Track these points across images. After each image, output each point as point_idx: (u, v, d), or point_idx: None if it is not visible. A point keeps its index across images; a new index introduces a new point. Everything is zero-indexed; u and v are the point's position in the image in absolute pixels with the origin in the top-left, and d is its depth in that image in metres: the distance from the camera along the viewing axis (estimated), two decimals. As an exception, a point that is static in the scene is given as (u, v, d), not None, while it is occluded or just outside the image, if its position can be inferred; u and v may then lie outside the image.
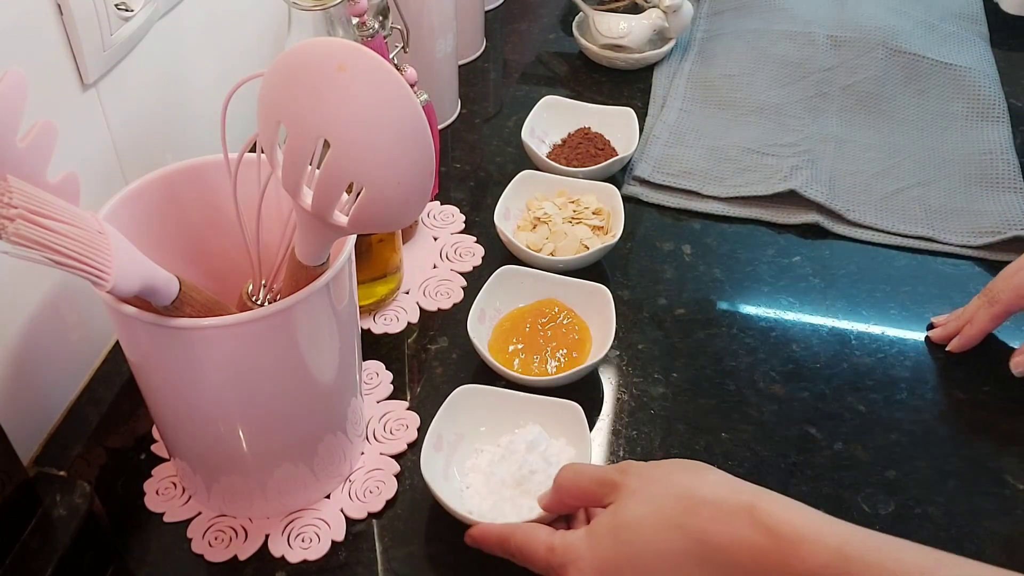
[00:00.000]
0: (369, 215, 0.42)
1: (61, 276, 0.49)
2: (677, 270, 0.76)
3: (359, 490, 0.58)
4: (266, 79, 0.41)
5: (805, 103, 0.95)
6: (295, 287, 0.47)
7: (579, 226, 0.75)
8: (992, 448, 0.62)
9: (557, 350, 0.66)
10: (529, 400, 0.60)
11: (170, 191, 0.53)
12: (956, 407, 0.65)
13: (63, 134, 0.43)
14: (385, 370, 0.66)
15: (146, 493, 0.58)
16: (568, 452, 0.58)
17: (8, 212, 0.35)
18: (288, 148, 0.41)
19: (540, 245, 0.74)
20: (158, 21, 0.64)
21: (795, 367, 0.68)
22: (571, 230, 0.74)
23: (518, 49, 1.08)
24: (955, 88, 0.95)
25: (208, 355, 0.46)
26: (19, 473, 0.48)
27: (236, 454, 0.53)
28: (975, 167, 0.86)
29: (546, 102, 0.88)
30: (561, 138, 0.88)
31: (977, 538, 0.57)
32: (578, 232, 0.74)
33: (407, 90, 0.39)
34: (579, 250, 0.73)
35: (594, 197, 0.78)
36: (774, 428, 0.63)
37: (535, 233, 0.75)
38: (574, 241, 0.73)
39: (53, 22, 0.53)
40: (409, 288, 0.73)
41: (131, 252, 0.42)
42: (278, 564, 0.54)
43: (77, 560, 0.50)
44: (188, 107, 0.71)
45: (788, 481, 0.60)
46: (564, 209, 0.77)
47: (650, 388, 0.66)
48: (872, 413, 0.64)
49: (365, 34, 0.63)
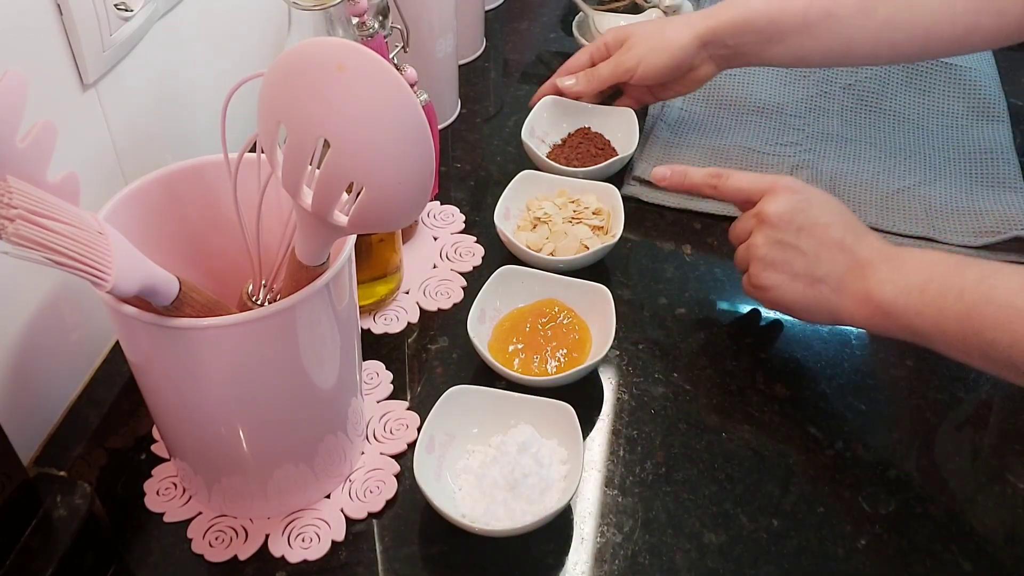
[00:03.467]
0: (369, 215, 0.42)
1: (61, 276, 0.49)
2: (678, 270, 0.76)
3: (359, 490, 0.58)
4: (266, 79, 0.41)
5: (806, 102, 0.95)
6: (295, 287, 0.47)
7: (579, 226, 0.75)
8: (993, 447, 0.62)
9: (557, 350, 0.66)
10: (521, 401, 0.60)
11: (170, 191, 0.53)
12: (958, 406, 0.65)
13: (63, 134, 0.43)
14: (385, 370, 0.66)
15: (146, 493, 0.58)
16: (560, 453, 0.58)
17: (8, 212, 0.35)
18: (288, 148, 0.41)
19: (540, 245, 0.74)
20: (158, 21, 0.64)
21: (796, 367, 0.68)
22: (571, 230, 0.74)
23: (518, 49, 1.08)
24: (956, 87, 0.95)
25: (208, 355, 0.46)
26: (19, 473, 0.48)
27: (236, 454, 0.53)
28: (976, 167, 0.86)
29: (546, 102, 0.88)
30: (561, 138, 0.87)
31: (978, 537, 0.56)
32: (578, 232, 0.74)
33: (407, 90, 0.39)
34: (579, 250, 0.73)
35: (594, 197, 0.78)
36: (775, 428, 0.63)
37: (535, 233, 0.75)
38: (574, 241, 0.73)
39: (53, 22, 0.53)
40: (409, 288, 0.73)
41: (131, 252, 0.42)
42: (278, 564, 0.54)
43: (77, 560, 0.50)
44: (188, 107, 0.71)
45: (789, 481, 0.60)
46: (564, 209, 0.77)
47: (650, 388, 0.66)
48: (873, 412, 0.64)
49: (365, 34, 0.63)
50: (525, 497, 0.55)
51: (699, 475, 0.60)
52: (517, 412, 0.60)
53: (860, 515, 0.58)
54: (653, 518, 0.57)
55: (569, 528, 0.56)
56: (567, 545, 0.56)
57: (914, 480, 0.60)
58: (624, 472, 0.60)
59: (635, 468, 0.60)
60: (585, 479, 0.59)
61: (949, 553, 0.55)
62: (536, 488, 0.55)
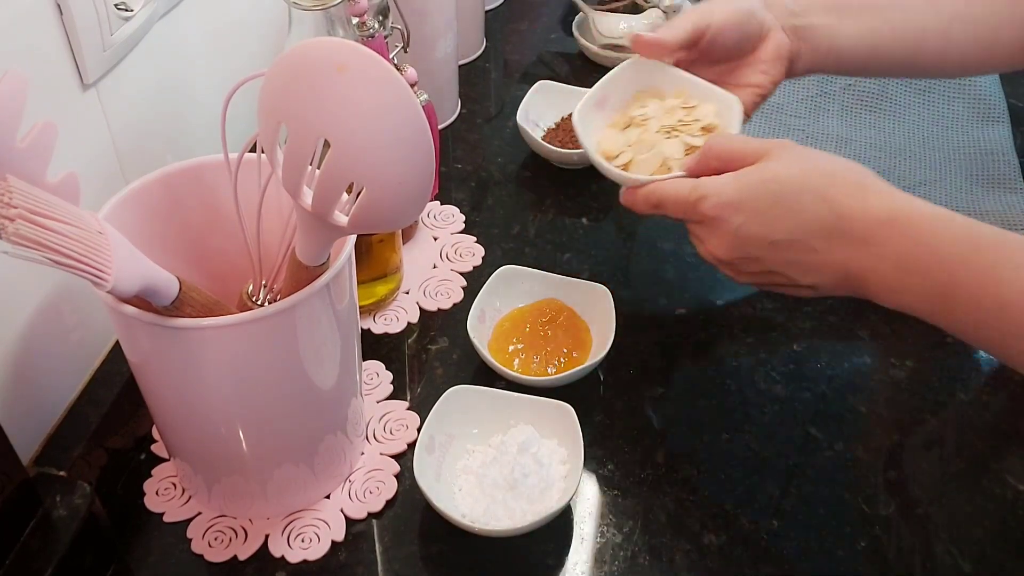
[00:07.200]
0: (369, 215, 0.42)
1: (61, 276, 0.49)
2: (678, 270, 0.76)
3: (359, 490, 0.58)
4: (266, 79, 0.41)
5: (807, 102, 0.95)
6: (295, 287, 0.47)
7: (674, 140, 0.60)
8: (993, 449, 0.62)
9: (557, 350, 0.66)
10: (521, 400, 0.60)
11: (170, 191, 0.53)
12: (958, 407, 0.65)
13: (63, 134, 0.43)
14: (385, 370, 0.66)
15: (146, 493, 0.58)
16: (560, 453, 0.58)
17: (8, 212, 0.35)
18: (288, 148, 0.41)
19: (618, 151, 0.62)
20: (158, 21, 0.64)
21: (796, 367, 0.68)
22: (662, 143, 0.60)
23: (518, 49, 1.08)
24: (956, 88, 0.95)
25: (208, 355, 0.46)
26: (19, 473, 0.48)
27: (236, 454, 0.53)
28: (976, 167, 0.86)
29: (539, 87, 0.90)
30: (555, 122, 0.89)
31: (978, 539, 0.56)
32: (666, 148, 0.60)
33: (407, 90, 0.39)
34: (658, 170, 0.59)
35: (713, 109, 0.63)
36: (775, 428, 0.63)
37: (622, 135, 0.63)
38: (656, 158, 0.60)
39: (53, 22, 0.53)
40: (409, 288, 0.73)
41: (131, 252, 0.42)
42: (278, 564, 0.54)
43: (77, 560, 0.50)
44: (188, 107, 0.71)
45: (789, 481, 0.60)
46: (670, 115, 0.63)
47: (651, 388, 0.66)
48: (873, 413, 0.64)
49: (365, 34, 0.63)
50: (525, 497, 0.55)
51: (699, 475, 0.60)
52: (517, 412, 0.60)
53: (860, 516, 0.58)
54: (653, 518, 0.57)
55: (569, 528, 0.56)
56: (567, 545, 0.56)
57: (914, 481, 0.60)
58: (624, 472, 0.60)
59: (635, 468, 0.60)
60: (585, 479, 0.59)
61: (949, 554, 0.55)
62: (536, 488, 0.55)
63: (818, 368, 0.68)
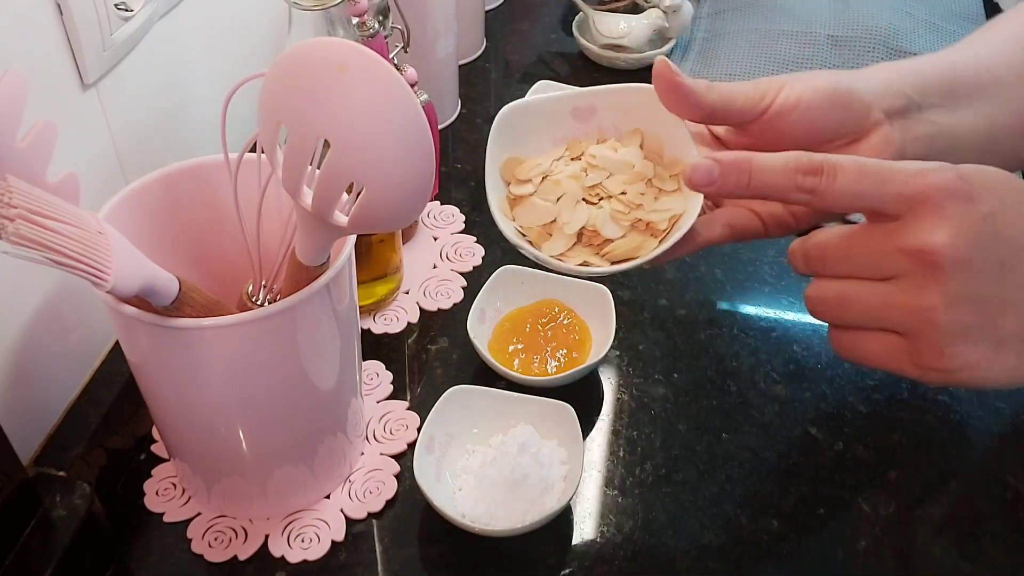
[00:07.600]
0: (369, 215, 0.42)
1: (61, 276, 0.49)
2: (678, 271, 0.76)
3: (359, 490, 0.58)
4: (267, 79, 0.41)
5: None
6: (295, 287, 0.47)
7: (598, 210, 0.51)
8: (994, 449, 0.62)
9: (557, 350, 0.66)
10: (521, 401, 0.60)
11: (170, 191, 0.53)
12: (958, 407, 0.65)
13: (63, 134, 0.43)
14: (385, 370, 0.66)
15: (146, 493, 0.57)
16: (560, 453, 0.58)
17: (8, 212, 0.35)
18: (288, 148, 0.41)
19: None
20: (158, 21, 0.64)
21: (796, 367, 0.68)
22: (577, 207, 0.51)
23: (519, 49, 1.08)
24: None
25: (208, 355, 0.46)
26: (19, 473, 0.48)
27: (236, 454, 0.53)
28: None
29: (539, 87, 0.90)
30: None
31: (979, 539, 0.56)
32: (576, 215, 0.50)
33: (407, 90, 0.39)
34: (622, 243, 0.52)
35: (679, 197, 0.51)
36: (776, 429, 0.63)
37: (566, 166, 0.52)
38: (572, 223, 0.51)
39: (53, 22, 0.53)
40: (409, 288, 0.73)
41: (131, 252, 0.42)
42: (278, 564, 0.54)
43: (77, 561, 0.50)
44: (188, 107, 0.71)
45: (789, 482, 0.60)
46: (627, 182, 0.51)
47: (651, 389, 0.66)
48: (874, 413, 0.64)
49: (365, 34, 0.63)
50: (525, 497, 0.55)
51: (699, 476, 0.60)
52: (517, 412, 0.60)
53: (860, 516, 0.58)
54: (653, 519, 0.57)
55: (569, 528, 0.56)
56: (567, 545, 0.56)
57: (914, 481, 0.60)
58: (624, 473, 0.60)
59: (635, 469, 0.60)
60: (585, 479, 0.59)
61: (949, 555, 0.55)
62: (536, 488, 0.55)
63: (818, 368, 0.68)
